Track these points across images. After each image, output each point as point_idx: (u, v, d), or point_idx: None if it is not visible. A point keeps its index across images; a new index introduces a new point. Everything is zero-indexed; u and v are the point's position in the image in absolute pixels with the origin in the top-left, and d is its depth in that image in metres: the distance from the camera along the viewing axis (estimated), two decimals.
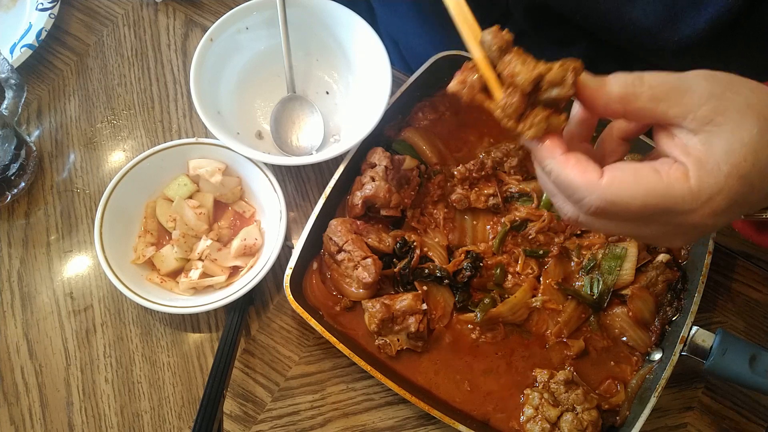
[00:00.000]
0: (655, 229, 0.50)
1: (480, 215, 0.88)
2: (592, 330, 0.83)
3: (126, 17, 1.05)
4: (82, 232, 0.92)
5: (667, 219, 0.48)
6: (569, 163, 0.49)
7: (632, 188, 0.47)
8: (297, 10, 0.92)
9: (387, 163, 0.85)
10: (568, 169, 0.48)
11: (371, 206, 0.85)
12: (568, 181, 0.49)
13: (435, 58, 0.90)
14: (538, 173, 0.55)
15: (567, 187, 0.49)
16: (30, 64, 0.99)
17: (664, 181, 0.46)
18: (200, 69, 0.88)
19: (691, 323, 0.76)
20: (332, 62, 0.98)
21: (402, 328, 0.80)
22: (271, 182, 0.86)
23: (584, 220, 0.52)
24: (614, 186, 0.47)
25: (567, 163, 0.49)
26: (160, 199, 0.89)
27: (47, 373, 0.85)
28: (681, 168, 0.47)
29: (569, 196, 0.50)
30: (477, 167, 0.87)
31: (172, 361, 0.85)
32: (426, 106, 0.94)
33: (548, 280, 0.84)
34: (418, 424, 0.82)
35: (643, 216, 0.48)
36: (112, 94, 1.00)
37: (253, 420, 0.83)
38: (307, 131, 0.94)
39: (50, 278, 0.89)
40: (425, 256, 0.84)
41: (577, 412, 0.75)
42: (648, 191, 0.46)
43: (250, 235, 0.87)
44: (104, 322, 0.87)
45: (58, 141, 0.97)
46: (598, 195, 0.47)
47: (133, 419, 0.83)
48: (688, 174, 0.46)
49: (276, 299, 0.88)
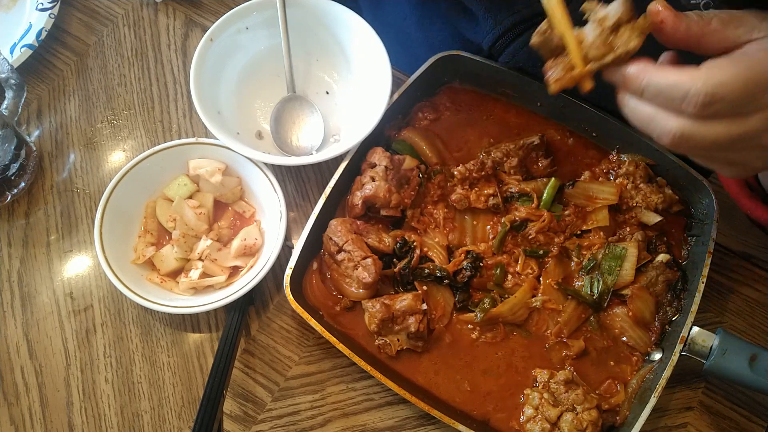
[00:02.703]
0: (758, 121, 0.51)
1: (480, 215, 0.88)
2: (592, 330, 0.83)
3: (126, 17, 1.05)
4: (82, 232, 0.92)
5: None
6: (665, 67, 0.52)
7: (732, 67, 0.50)
8: (297, 10, 0.92)
9: (387, 163, 0.85)
10: (668, 71, 0.51)
11: (371, 206, 0.85)
12: (672, 82, 0.50)
13: (435, 58, 0.90)
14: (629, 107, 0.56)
15: (672, 88, 0.51)
16: (30, 64, 0.99)
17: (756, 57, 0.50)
18: (200, 69, 0.88)
19: (691, 323, 0.76)
20: (332, 62, 0.98)
21: (402, 328, 0.80)
22: (271, 182, 0.86)
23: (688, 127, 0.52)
24: (715, 70, 0.49)
25: (663, 68, 0.52)
26: (160, 199, 0.89)
27: (47, 373, 0.85)
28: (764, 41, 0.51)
29: (673, 98, 0.51)
30: (477, 167, 0.87)
31: (172, 361, 0.85)
32: (426, 106, 0.94)
33: (548, 280, 0.84)
34: (418, 424, 0.82)
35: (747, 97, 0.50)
36: (112, 94, 1.00)
37: (253, 420, 0.83)
38: (307, 131, 0.94)
39: (50, 278, 0.89)
40: (425, 256, 0.84)
41: (577, 412, 0.75)
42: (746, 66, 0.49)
43: (250, 235, 0.87)
44: (104, 322, 0.87)
45: (58, 141, 0.97)
46: (704, 81, 0.49)
47: (133, 419, 0.83)
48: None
49: (276, 299, 0.88)
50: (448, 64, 0.91)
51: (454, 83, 0.95)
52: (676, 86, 0.50)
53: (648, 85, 0.52)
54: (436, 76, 0.92)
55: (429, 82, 0.92)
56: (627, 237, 0.85)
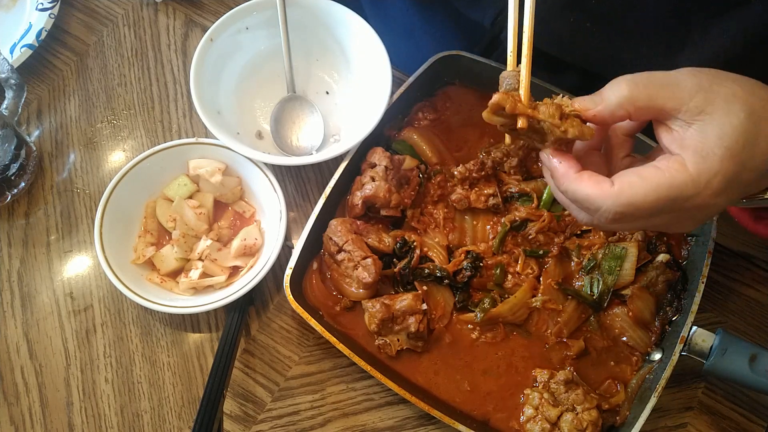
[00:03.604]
0: (666, 219, 0.55)
1: (480, 215, 0.88)
2: (592, 330, 0.83)
3: (126, 17, 1.05)
4: (82, 232, 0.92)
5: (675, 207, 0.53)
6: (583, 179, 0.55)
7: (642, 188, 0.52)
8: (297, 10, 0.92)
9: (387, 163, 0.85)
10: (583, 184, 0.54)
11: (371, 206, 0.85)
12: (584, 195, 0.54)
13: (435, 58, 0.90)
14: (553, 190, 0.61)
15: (584, 200, 0.54)
16: (30, 64, 0.99)
17: (667, 175, 0.52)
18: (200, 69, 0.88)
19: (691, 323, 0.76)
20: (332, 62, 0.98)
21: (402, 328, 0.80)
22: (271, 182, 0.86)
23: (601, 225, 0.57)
24: (626, 190, 0.52)
25: (581, 179, 0.55)
26: (160, 199, 0.89)
27: (47, 373, 0.85)
28: (678, 159, 0.52)
29: (587, 208, 0.55)
30: (477, 167, 0.87)
31: (172, 361, 0.86)
32: (426, 106, 0.94)
33: (548, 280, 0.84)
34: (418, 424, 0.82)
35: (655, 210, 0.53)
36: (112, 94, 1.00)
37: (253, 420, 0.83)
38: (307, 131, 0.94)
39: (50, 278, 0.89)
40: (425, 256, 0.84)
41: (577, 412, 0.75)
42: (656, 186, 0.52)
43: (250, 235, 0.87)
44: (104, 322, 0.87)
45: (58, 141, 0.97)
46: (614, 201, 0.53)
47: (133, 419, 0.83)
48: (685, 164, 0.52)
49: (276, 299, 0.89)
50: (448, 64, 0.91)
51: (454, 83, 0.95)
52: (589, 200, 0.54)
53: (566, 190, 0.56)
54: (436, 76, 0.92)
55: (429, 82, 0.92)
56: (627, 237, 0.85)
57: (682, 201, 0.52)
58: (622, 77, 0.55)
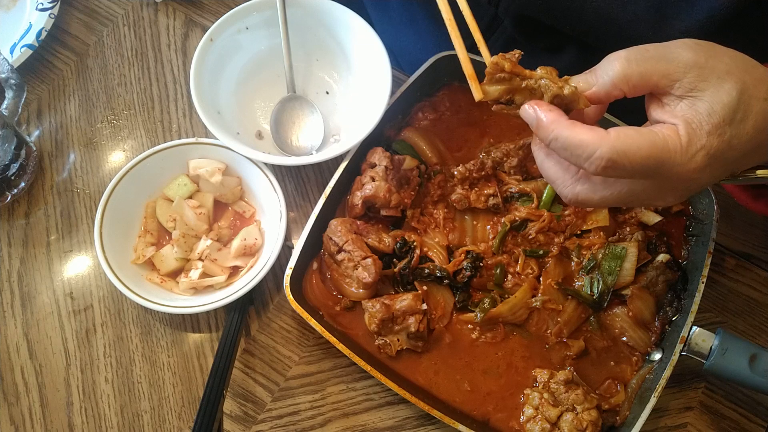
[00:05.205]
0: (648, 185, 0.55)
1: (480, 215, 0.88)
2: (592, 330, 0.83)
3: (126, 17, 1.05)
4: (82, 232, 0.92)
5: (660, 171, 0.52)
6: (576, 125, 0.53)
7: (637, 140, 0.51)
8: (297, 10, 0.92)
9: (387, 163, 0.85)
10: (577, 129, 0.53)
11: (371, 206, 0.85)
12: (578, 140, 0.52)
13: (435, 58, 0.90)
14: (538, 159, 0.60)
15: (577, 146, 0.52)
16: (30, 64, 0.99)
17: (661, 137, 0.52)
18: (200, 69, 0.88)
19: (691, 323, 0.76)
20: (332, 62, 0.98)
21: (402, 328, 0.80)
22: (271, 182, 0.86)
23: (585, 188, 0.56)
24: (621, 138, 0.51)
25: (574, 126, 0.53)
26: (160, 199, 0.89)
27: (47, 373, 0.85)
28: (672, 127, 0.52)
29: (578, 156, 0.53)
30: (477, 167, 0.87)
31: (172, 361, 0.86)
32: (426, 106, 0.94)
33: (548, 280, 0.84)
34: (418, 424, 0.82)
35: (643, 169, 0.52)
36: (112, 94, 1.00)
37: (253, 420, 0.83)
38: (307, 131, 0.94)
39: (50, 278, 0.89)
40: (425, 256, 0.84)
41: (577, 412, 0.76)
42: (650, 143, 0.51)
43: (250, 235, 0.87)
44: (104, 322, 0.87)
45: (58, 141, 0.97)
46: (610, 146, 0.51)
47: (133, 419, 0.83)
48: (678, 131, 0.52)
49: (276, 299, 0.89)
50: (448, 64, 0.91)
51: (454, 83, 0.95)
52: (582, 145, 0.52)
53: (557, 137, 0.54)
54: (436, 76, 0.92)
55: (429, 82, 0.92)
56: (627, 237, 0.85)
57: (669, 166, 0.52)
58: (615, 55, 0.54)
